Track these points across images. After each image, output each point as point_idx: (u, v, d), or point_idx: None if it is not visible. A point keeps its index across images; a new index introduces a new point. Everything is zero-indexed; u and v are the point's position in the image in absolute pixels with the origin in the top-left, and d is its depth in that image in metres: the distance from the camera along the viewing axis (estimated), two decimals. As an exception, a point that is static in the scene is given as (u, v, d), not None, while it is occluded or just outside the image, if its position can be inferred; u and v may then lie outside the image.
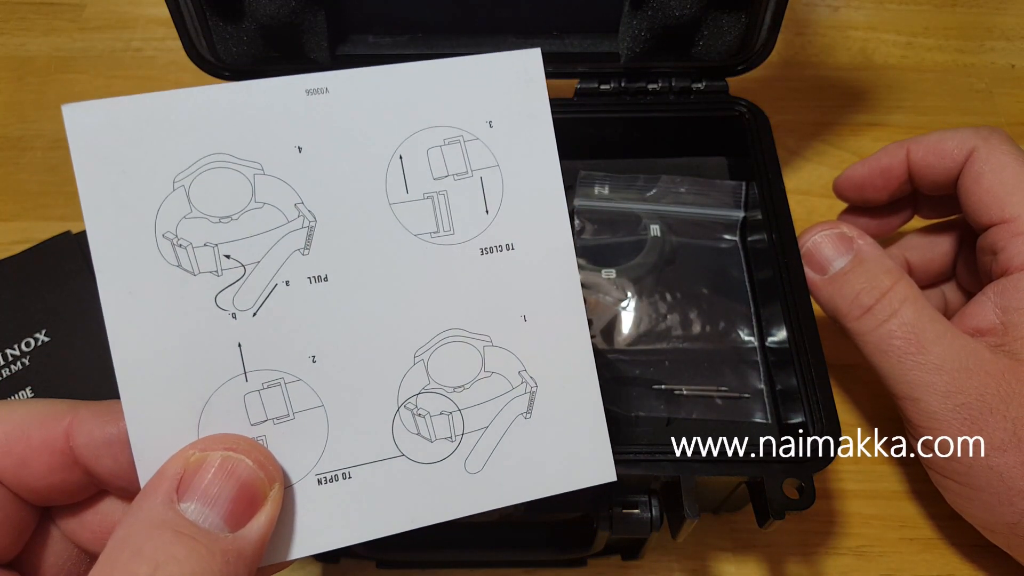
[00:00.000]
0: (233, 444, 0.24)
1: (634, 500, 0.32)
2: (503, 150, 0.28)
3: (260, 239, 0.26)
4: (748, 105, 0.41)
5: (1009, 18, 0.57)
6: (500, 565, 0.38)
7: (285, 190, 0.26)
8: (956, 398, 0.32)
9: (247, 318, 0.26)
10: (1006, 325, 0.33)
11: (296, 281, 0.26)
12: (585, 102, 0.42)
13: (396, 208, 0.27)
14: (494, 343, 0.27)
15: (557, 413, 0.27)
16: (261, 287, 0.26)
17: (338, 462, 0.26)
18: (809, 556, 0.38)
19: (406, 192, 0.27)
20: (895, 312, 0.33)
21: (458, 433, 0.27)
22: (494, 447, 0.27)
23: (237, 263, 0.26)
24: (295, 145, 0.26)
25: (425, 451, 0.27)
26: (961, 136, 0.36)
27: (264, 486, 0.24)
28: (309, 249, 0.26)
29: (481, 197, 0.28)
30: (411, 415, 0.27)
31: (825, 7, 0.58)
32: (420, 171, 0.27)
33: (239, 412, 0.25)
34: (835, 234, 0.35)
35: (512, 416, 0.27)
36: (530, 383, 0.27)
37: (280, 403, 0.26)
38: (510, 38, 0.42)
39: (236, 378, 0.25)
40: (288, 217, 0.26)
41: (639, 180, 0.42)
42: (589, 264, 0.40)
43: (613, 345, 0.38)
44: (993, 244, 0.34)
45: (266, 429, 0.26)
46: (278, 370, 0.26)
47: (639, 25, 0.40)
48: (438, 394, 0.27)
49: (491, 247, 0.28)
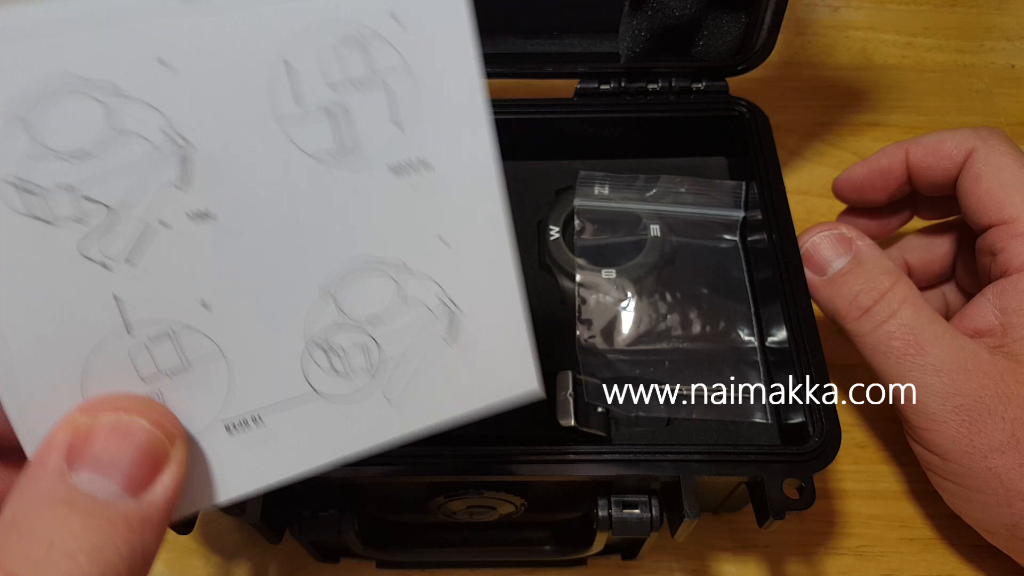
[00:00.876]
0: (124, 404, 0.22)
1: (634, 500, 0.32)
2: (411, 48, 0.24)
3: (125, 174, 0.22)
4: (748, 105, 0.41)
5: (1009, 18, 0.57)
6: (500, 565, 0.38)
7: (149, 113, 0.22)
8: (955, 399, 0.32)
9: (121, 267, 0.23)
10: (1005, 326, 0.33)
11: (174, 219, 0.23)
12: (585, 102, 0.42)
13: (286, 124, 0.23)
14: (410, 268, 0.25)
15: (479, 334, 0.26)
16: (133, 230, 0.22)
17: (245, 407, 0.24)
18: (809, 556, 0.38)
19: (296, 105, 0.23)
20: (894, 313, 0.33)
21: (374, 363, 0.25)
22: (413, 372, 0.25)
23: (101, 205, 0.22)
24: (156, 57, 0.22)
25: (340, 385, 0.25)
26: (960, 137, 0.36)
27: (164, 445, 0.22)
28: (185, 181, 0.23)
29: (388, 107, 0.24)
30: (322, 351, 0.25)
31: (825, 7, 0.58)
32: (312, 78, 0.23)
33: (127, 369, 0.23)
34: (834, 235, 0.35)
35: (432, 341, 0.26)
36: (450, 306, 0.26)
37: (172, 354, 0.23)
38: (510, 38, 0.42)
39: (117, 332, 0.23)
40: (156, 145, 0.22)
41: (639, 180, 0.42)
42: (589, 264, 0.40)
43: (613, 345, 0.38)
44: (992, 245, 0.34)
45: (160, 382, 0.23)
46: (164, 318, 0.23)
47: (639, 25, 0.40)
48: (351, 326, 0.25)
49: (402, 164, 0.24)
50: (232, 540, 0.38)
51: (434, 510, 0.34)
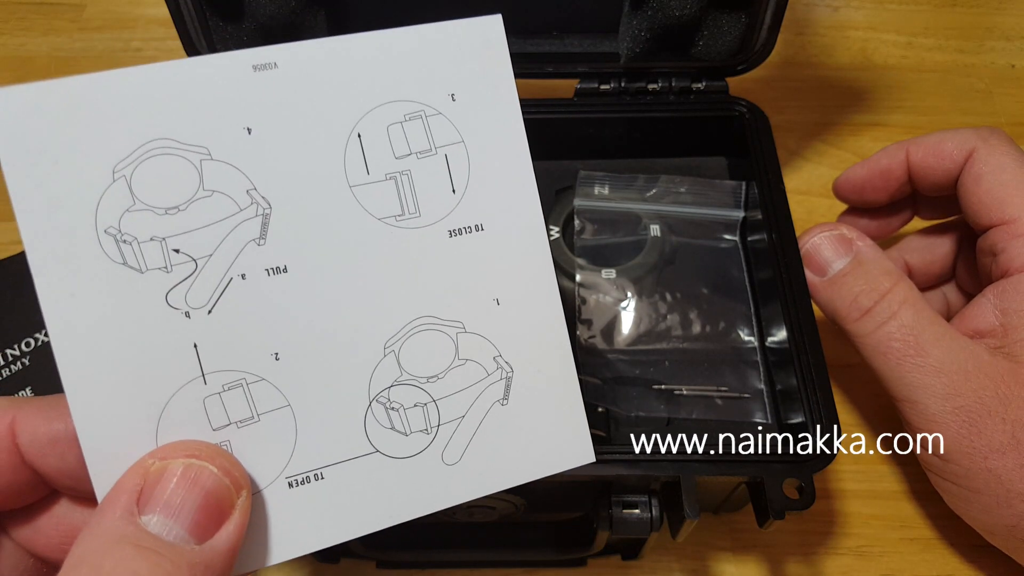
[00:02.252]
0: (195, 451, 0.23)
1: (634, 500, 0.32)
2: (467, 124, 0.26)
3: (211, 230, 0.24)
4: (748, 105, 0.41)
5: (1009, 18, 0.57)
6: (500, 565, 0.38)
7: (235, 176, 0.24)
8: (955, 400, 0.32)
9: (202, 316, 0.24)
10: (1005, 327, 0.33)
11: (253, 274, 0.24)
12: (585, 102, 0.42)
13: (357, 190, 0.25)
14: (467, 329, 0.26)
15: (534, 397, 0.27)
16: (215, 282, 0.24)
17: (309, 463, 0.25)
18: (809, 556, 0.38)
19: (367, 173, 0.25)
20: (894, 314, 0.33)
21: (434, 425, 0.26)
22: (472, 436, 0.26)
23: (188, 257, 0.24)
24: (244, 126, 0.24)
25: (400, 445, 0.26)
26: (961, 137, 0.36)
27: (231, 494, 0.22)
28: (265, 239, 0.24)
29: (447, 175, 0.26)
30: (384, 409, 0.25)
31: (825, 7, 0.58)
32: (381, 150, 0.26)
33: (200, 417, 0.24)
34: (834, 236, 0.35)
35: (489, 403, 0.26)
36: (506, 368, 0.27)
37: (243, 405, 0.24)
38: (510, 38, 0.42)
39: (194, 381, 0.24)
40: (240, 205, 0.24)
41: (639, 180, 0.42)
42: (589, 264, 0.40)
43: (613, 345, 0.38)
44: (993, 245, 0.34)
45: (230, 433, 0.24)
46: (239, 370, 0.24)
47: (639, 25, 0.40)
48: (411, 385, 0.26)
49: (460, 228, 0.26)
50: (232, 540, 0.38)
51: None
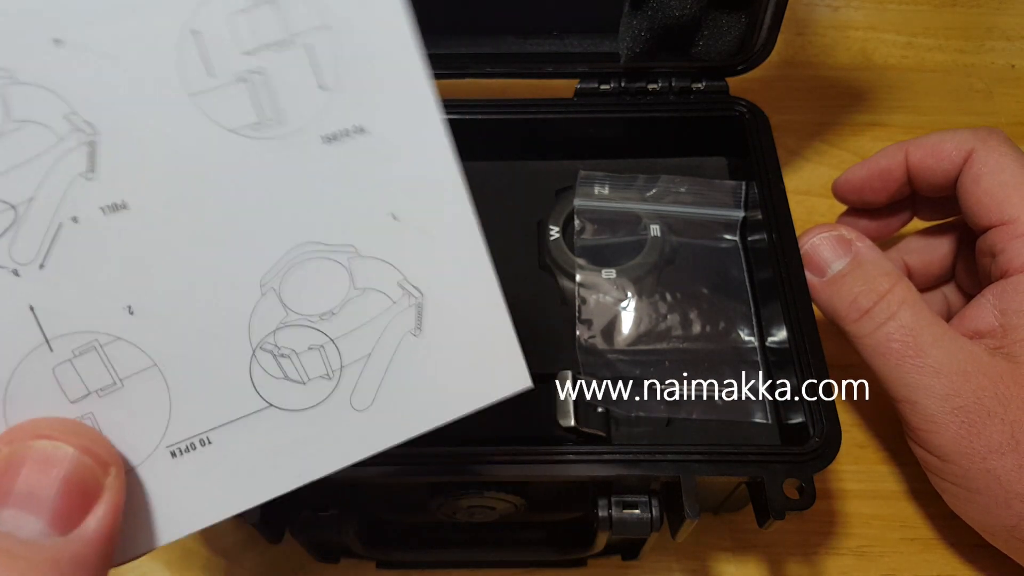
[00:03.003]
0: (48, 430, 0.20)
1: (634, 500, 0.32)
2: (331, 4, 0.22)
3: (28, 168, 0.20)
4: (748, 105, 0.41)
5: (1009, 18, 0.57)
6: (500, 565, 0.38)
7: (48, 99, 0.20)
8: (954, 401, 0.32)
9: (33, 272, 0.21)
10: (1005, 328, 0.33)
11: (86, 214, 0.21)
12: (585, 102, 0.42)
13: (200, 99, 0.21)
14: (361, 253, 0.23)
15: (451, 322, 0.23)
16: (42, 230, 0.21)
17: (191, 428, 0.22)
18: (809, 556, 0.38)
19: (209, 76, 0.21)
20: (893, 315, 0.33)
21: (335, 368, 0.23)
22: (383, 375, 0.23)
23: (5, 204, 0.20)
24: (51, 37, 0.20)
25: (298, 396, 0.22)
26: (959, 137, 0.36)
27: (96, 474, 0.20)
28: (95, 171, 0.21)
29: (311, 70, 0.22)
30: (272, 357, 0.22)
31: (825, 7, 0.58)
32: (224, 46, 0.21)
33: (52, 389, 0.21)
34: (833, 236, 0.35)
35: (398, 335, 0.23)
36: (414, 293, 0.23)
37: (101, 370, 0.21)
38: (510, 38, 0.42)
39: (38, 349, 0.21)
40: (59, 134, 0.20)
41: (639, 180, 0.42)
42: (589, 264, 0.40)
43: (613, 345, 0.38)
44: (992, 246, 0.34)
45: (91, 404, 0.21)
46: (88, 330, 0.21)
47: (639, 25, 0.40)
48: (301, 326, 0.22)
49: (336, 132, 0.22)
50: (232, 540, 0.38)
51: (434, 510, 0.34)
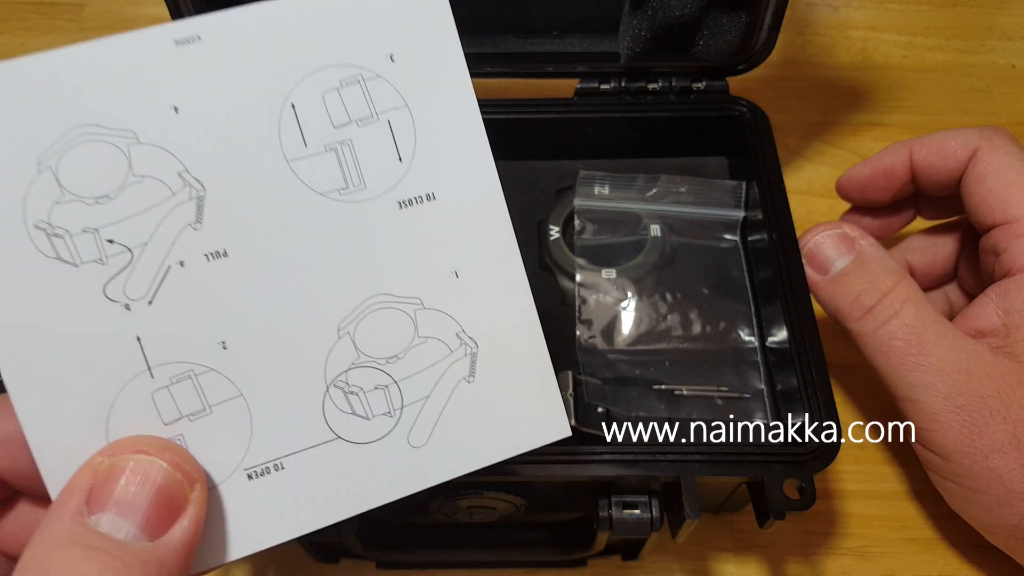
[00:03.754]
0: (145, 446, 0.22)
1: (634, 500, 0.32)
2: (409, 86, 0.25)
3: (145, 217, 0.23)
4: (748, 105, 0.40)
5: (1009, 18, 0.57)
6: (500, 565, 0.38)
7: (166, 158, 0.23)
8: (956, 400, 0.32)
9: (143, 307, 0.23)
10: (1008, 327, 0.33)
11: (192, 260, 0.24)
12: (585, 102, 0.42)
13: (295, 165, 0.24)
14: (425, 305, 0.25)
15: (502, 372, 0.26)
16: (153, 271, 0.23)
17: (267, 454, 0.24)
18: (809, 556, 0.38)
19: (304, 145, 0.24)
20: (896, 313, 0.33)
21: (397, 407, 0.25)
22: (438, 416, 0.25)
23: (123, 247, 0.23)
24: (171, 105, 0.23)
25: (362, 430, 0.25)
26: (964, 136, 0.36)
27: (183, 488, 0.22)
28: (201, 222, 0.24)
29: (392, 143, 0.25)
30: (342, 394, 0.25)
31: (825, 7, 0.58)
32: (318, 120, 0.24)
33: (150, 412, 0.23)
34: (837, 234, 0.35)
35: (454, 381, 0.25)
36: (470, 344, 0.26)
37: (193, 397, 0.24)
38: (510, 38, 0.42)
39: (141, 375, 0.23)
40: (173, 189, 0.23)
41: (639, 180, 0.42)
42: (589, 264, 0.40)
43: (613, 345, 0.38)
44: (996, 245, 0.34)
45: (182, 427, 0.24)
46: (186, 361, 0.24)
47: (639, 25, 0.40)
48: (370, 367, 0.25)
49: (410, 199, 0.25)
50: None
51: (434, 510, 0.34)
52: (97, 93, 0.23)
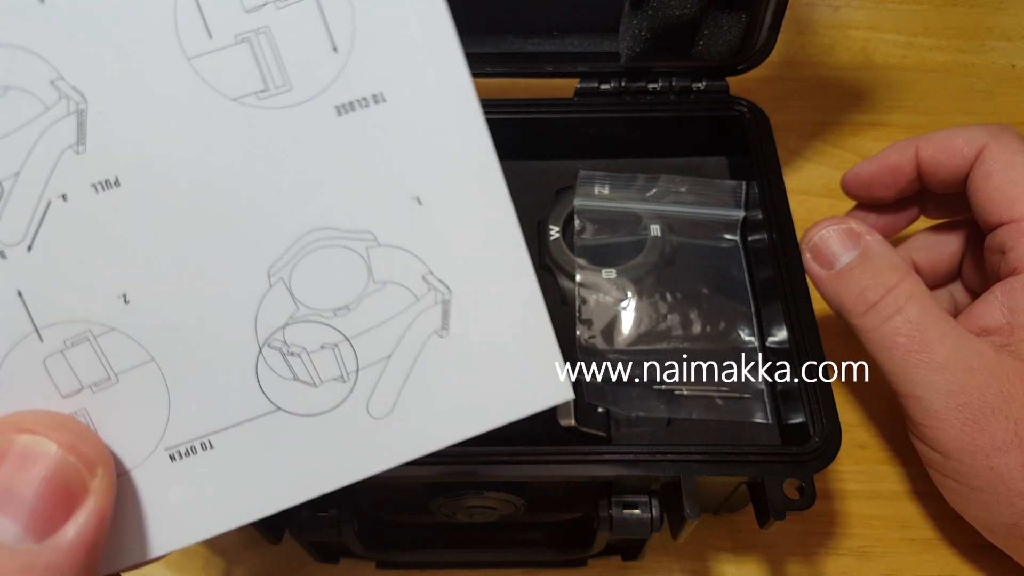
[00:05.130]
0: (32, 425, 0.18)
1: (634, 500, 0.32)
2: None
3: (12, 140, 0.19)
4: (748, 105, 0.40)
5: (1009, 18, 0.57)
6: (500, 566, 0.38)
7: (33, 63, 0.19)
8: (958, 397, 0.32)
9: (21, 254, 0.19)
10: (1012, 325, 0.33)
11: (76, 192, 0.19)
12: (585, 102, 0.42)
13: (198, 63, 0.19)
14: (380, 241, 0.20)
15: (483, 323, 0.21)
16: (30, 209, 0.19)
17: (192, 430, 0.20)
18: (810, 556, 0.38)
19: (209, 37, 0.19)
20: (900, 309, 0.33)
21: (351, 370, 0.21)
22: (404, 380, 0.21)
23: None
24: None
25: (309, 400, 0.21)
26: (971, 133, 0.36)
27: (80, 475, 0.18)
28: (85, 144, 0.19)
29: (323, 27, 0.19)
30: (280, 355, 0.20)
31: (825, 7, 0.58)
32: (224, 3, 0.19)
33: (43, 382, 0.19)
34: (843, 229, 0.35)
35: (423, 336, 0.21)
36: (440, 289, 0.21)
37: (94, 363, 0.20)
38: (510, 37, 0.42)
39: (28, 337, 0.19)
40: (46, 102, 0.19)
41: (639, 180, 0.42)
42: (589, 264, 0.40)
43: (613, 345, 0.38)
44: (1002, 243, 0.34)
45: (85, 400, 0.20)
46: (80, 319, 0.20)
47: (639, 24, 0.40)
48: (313, 322, 0.20)
49: (350, 102, 0.20)
50: (232, 540, 0.38)
51: (434, 510, 0.34)
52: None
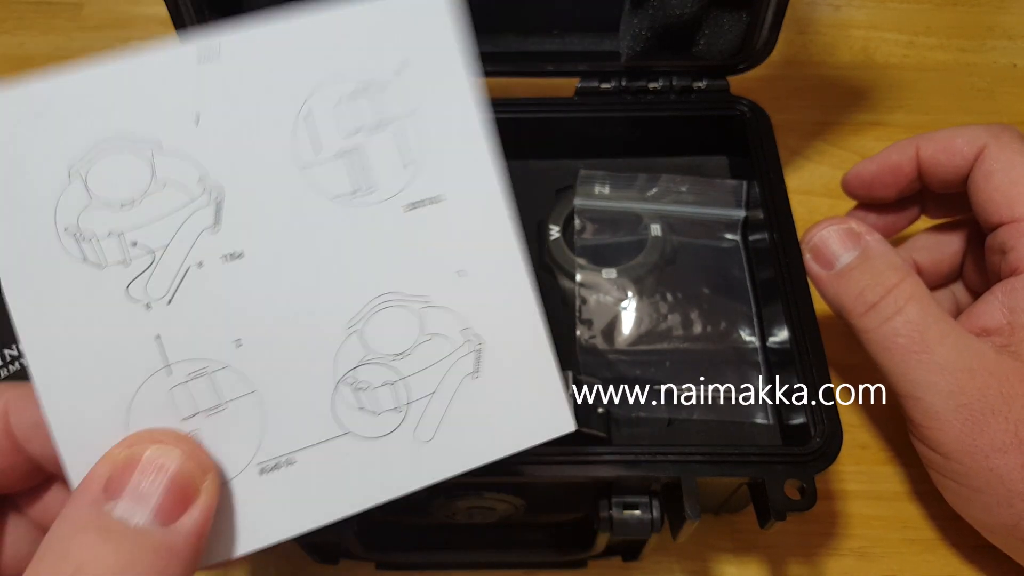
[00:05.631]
0: (161, 438, 0.24)
1: (634, 501, 0.32)
2: (416, 95, 0.26)
3: (166, 221, 0.25)
4: (749, 104, 0.40)
5: (1010, 17, 0.57)
6: (500, 566, 0.38)
7: (187, 166, 0.25)
8: (958, 398, 0.32)
9: (162, 307, 0.25)
10: (1013, 325, 0.33)
11: (209, 261, 0.25)
12: (585, 101, 0.42)
13: (308, 171, 0.26)
14: (431, 303, 0.26)
15: (506, 368, 0.27)
16: (173, 272, 0.25)
17: (279, 448, 0.25)
18: (810, 557, 0.38)
19: (316, 153, 0.26)
20: (900, 309, 0.33)
21: (404, 403, 0.26)
22: (444, 411, 0.26)
23: (145, 249, 0.25)
24: (192, 117, 0.25)
25: (371, 425, 0.26)
26: (972, 133, 0.36)
27: (196, 477, 0.23)
28: (219, 225, 0.25)
29: (399, 149, 0.26)
30: (351, 390, 0.26)
31: (826, 6, 0.58)
32: (330, 128, 0.26)
33: (168, 407, 0.25)
34: (843, 229, 0.35)
35: (459, 377, 0.26)
36: (474, 340, 0.27)
37: (209, 393, 0.25)
38: (510, 37, 0.42)
39: (160, 371, 0.25)
40: (193, 194, 0.25)
41: (639, 179, 0.42)
42: (589, 264, 0.40)
43: (613, 345, 0.38)
44: (1003, 243, 0.34)
45: (199, 422, 0.25)
46: (202, 358, 0.25)
47: (640, 24, 0.40)
48: (378, 364, 0.26)
49: (416, 201, 0.26)
50: (231, 541, 0.38)
51: (434, 511, 0.34)
52: (124, 107, 0.24)
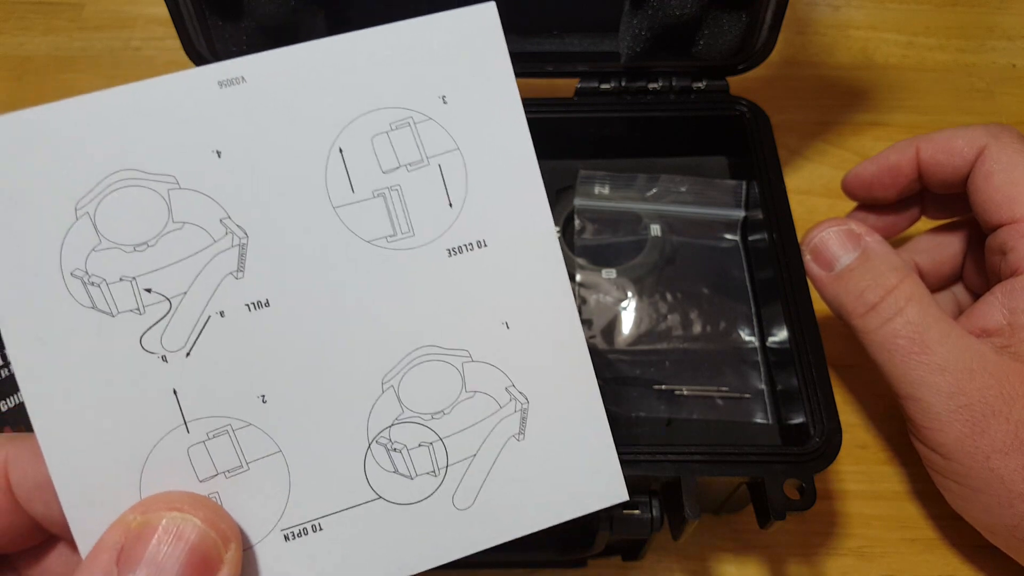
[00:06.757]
0: (178, 503, 0.21)
1: (634, 501, 0.32)
2: (462, 129, 0.24)
3: (184, 265, 0.22)
4: (749, 104, 0.40)
5: (1010, 17, 0.57)
6: (500, 566, 0.38)
7: (207, 204, 0.22)
8: (959, 399, 0.32)
9: (180, 359, 0.22)
10: (1013, 326, 0.33)
11: (232, 310, 0.23)
12: (585, 101, 0.42)
13: (342, 211, 0.23)
14: (474, 358, 0.24)
15: (554, 430, 0.24)
16: (192, 322, 0.22)
17: (305, 513, 0.23)
18: (810, 557, 0.38)
19: (351, 191, 0.23)
20: (900, 310, 0.33)
21: (442, 465, 0.24)
22: (485, 477, 0.24)
23: (161, 296, 0.22)
24: (213, 149, 0.22)
25: (405, 490, 0.24)
26: (972, 134, 0.36)
27: (218, 548, 0.21)
28: (243, 271, 0.23)
29: (442, 188, 0.24)
30: (385, 451, 0.23)
31: (826, 6, 0.58)
32: (366, 164, 0.23)
33: (185, 468, 0.22)
34: (843, 230, 0.35)
35: (503, 439, 0.24)
36: (520, 399, 0.24)
37: (230, 453, 0.23)
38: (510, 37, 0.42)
39: (176, 429, 0.22)
40: (214, 236, 0.22)
41: (639, 180, 0.42)
42: (589, 264, 0.40)
43: (613, 345, 0.38)
44: (1003, 244, 0.34)
45: (218, 484, 0.23)
46: (223, 416, 0.23)
47: (639, 24, 0.40)
48: (414, 423, 0.24)
49: (460, 246, 0.24)
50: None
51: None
52: (137, 136, 0.22)
